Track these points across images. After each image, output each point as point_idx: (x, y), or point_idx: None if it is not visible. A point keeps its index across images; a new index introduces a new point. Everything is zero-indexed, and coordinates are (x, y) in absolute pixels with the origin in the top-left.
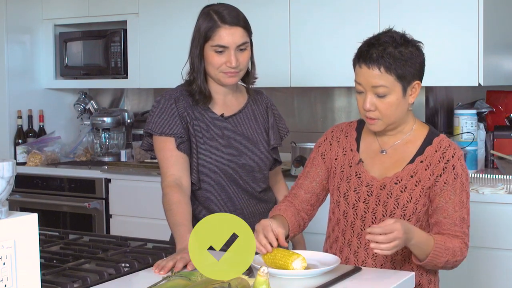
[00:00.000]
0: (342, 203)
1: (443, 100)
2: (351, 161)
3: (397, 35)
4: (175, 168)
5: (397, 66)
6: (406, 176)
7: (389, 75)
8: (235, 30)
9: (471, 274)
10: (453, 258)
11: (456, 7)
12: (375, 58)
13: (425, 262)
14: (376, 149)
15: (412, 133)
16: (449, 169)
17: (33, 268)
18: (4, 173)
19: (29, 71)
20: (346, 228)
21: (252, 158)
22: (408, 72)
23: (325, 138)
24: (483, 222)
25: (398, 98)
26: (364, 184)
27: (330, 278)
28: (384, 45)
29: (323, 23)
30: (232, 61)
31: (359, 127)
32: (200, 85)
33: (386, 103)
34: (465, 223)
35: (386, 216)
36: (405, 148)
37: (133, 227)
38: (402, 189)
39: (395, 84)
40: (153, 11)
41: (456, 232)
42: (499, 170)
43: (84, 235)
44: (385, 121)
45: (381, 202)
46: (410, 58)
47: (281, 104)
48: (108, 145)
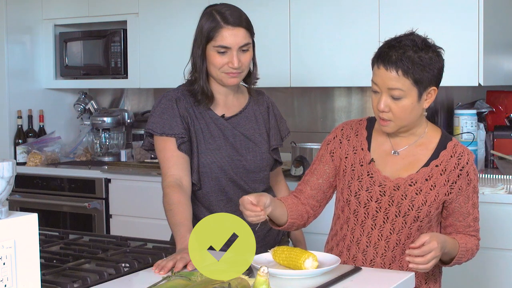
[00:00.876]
0: (353, 201)
1: (443, 100)
2: (362, 160)
3: (419, 39)
4: (176, 168)
5: (415, 70)
6: (421, 179)
7: (406, 79)
8: (237, 31)
9: (471, 274)
10: (471, 256)
11: (456, 7)
12: (393, 61)
13: (451, 265)
14: (388, 150)
15: (424, 136)
16: (464, 175)
17: (33, 268)
18: (4, 173)
19: (29, 71)
20: (356, 226)
21: (253, 158)
22: (426, 78)
23: (334, 135)
24: (483, 222)
25: (413, 102)
26: (377, 184)
27: (330, 278)
28: (404, 48)
29: (323, 23)
30: (234, 62)
31: (369, 126)
32: (202, 85)
33: (401, 106)
34: (477, 220)
35: (399, 217)
36: (418, 151)
37: (133, 227)
38: (417, 191)
39: (411, 88)
40: (153, 11)
41: (471, 232)
42: (499, 170)
43: (84, 235)
44: (397, 124)
45: (395, 202)
46: (429, 63)
47: (281, 104)
48: (108, 145)
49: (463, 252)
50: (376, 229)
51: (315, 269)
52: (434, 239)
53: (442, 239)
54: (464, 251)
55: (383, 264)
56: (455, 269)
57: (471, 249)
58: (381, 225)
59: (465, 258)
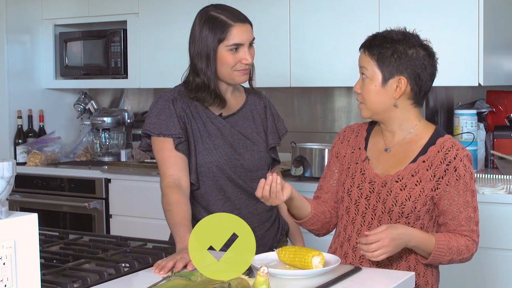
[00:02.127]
0: (346, 199)
1: (443, 100)
2: (358, 158)
3: (413, 36)
4: (174, 168)
5: (380, 53)
6: (407, 175)
7: (370, 59)
8: (246, 27)
9: (471, 274)
10: (458, 256)
11: (456, 7)
12: (367, 44)
13: (428, 261)
14: (381, 147)
15: (415, 132)
16: (451, 171)
17: (33, 268)
18: (4, 173)
19: (29, 71)
20: (348, 223)
21: (251, 157)
22: (392, 64)
23: (338, 138)
24: (483, 222)
25: (377, 86)
26: (367, 181)
27: (330, 278)
28: (385, 37)
29: (323, 23)
30: (248, 58)
31: (370, 128)
32: (214, 89)
33: (366, 87)
34: (472, 221)
35: (385, 213)
36: (408, 147)
37: (133, 227)
38: (402, 187)
39: (375, 71)
40: (153, 11)
41: (463, 232)
42: (499, 170)
43: (84, 235)
44: (367, 106)
45: (381, 199)
46: (403, 54)
47: (281, 104)
48: (108, 145)
49: (443, 250)
50: (365, 225)
51: (315, 269)
52: (389, 230)
53: (402, 231)
54: (445, 249)
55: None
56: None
57: (458, 249)
58: (369, 222)
59: (448, 257)
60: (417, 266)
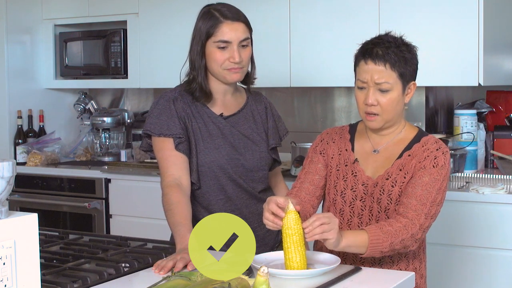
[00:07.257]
0: (339, 201)
1: (443, 100)
2: (347, 160)
3: (398, 37)
4: (175, 168)
5: (400, 64)
6: (396, 170)
7: (393, 72)
8: (237, 25)
9: (471, 274)
10: (397, 238)
11: (456, 7)
12: (381, 55)
13: (367, 254)
14: (369, 149)
15: (402, 133)
16: (431, 157)
17: (33, 268)
18: (4, 173)
19: (29, 71)
20: (343, 225)
21: (252, 157)
22: (408, 72)
23: (321, 139)
24: (483, 222)
25: (399, 95)
26: (360, 183)
27: (330, 278)
28: (387, 44)
29: (323, 24)
30: (236, 57)
31: (352, 130)
32: (200, 82)
33: (388, 99)
34: (423, 210)
35: (382, 212)
36: (395, 147)
37: (133, 227)
38: (392, 183)
39: (397, 81)
40: (153, 11)
41: (408, 214)
42: (499, 170)
43: (84, 235)
44: (384, 117)
45: (375, 199)
46: (410, 59)
47: (281, 104)
48: (108, 145)
49: (379, 237)
50: (362, 227)
51: (315, 269)
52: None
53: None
54: (380, 236)
55: (373, 260)
56: (455, 269)
57: (393, 231)
58: (367, 223)
59: (386, 242)
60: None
